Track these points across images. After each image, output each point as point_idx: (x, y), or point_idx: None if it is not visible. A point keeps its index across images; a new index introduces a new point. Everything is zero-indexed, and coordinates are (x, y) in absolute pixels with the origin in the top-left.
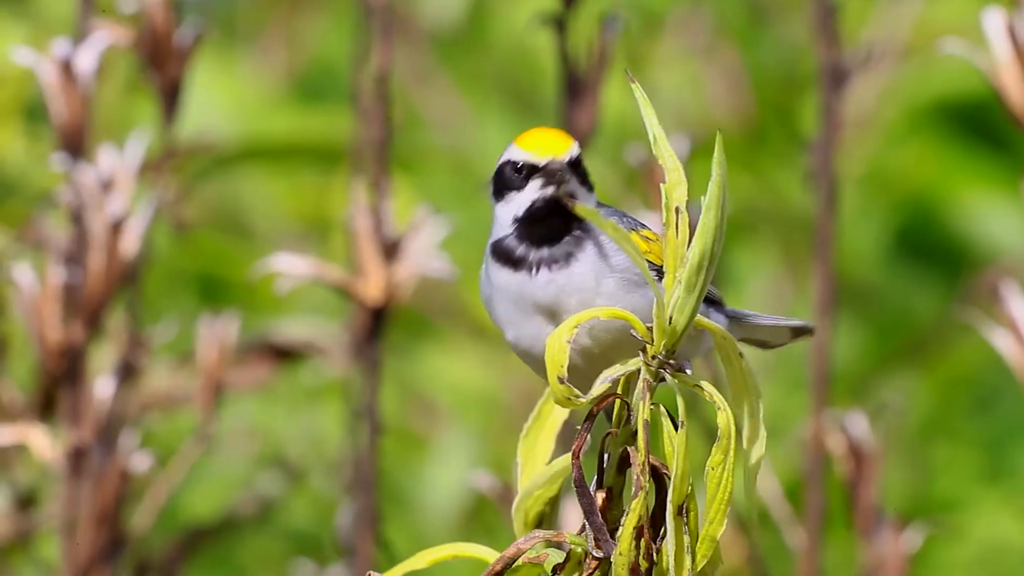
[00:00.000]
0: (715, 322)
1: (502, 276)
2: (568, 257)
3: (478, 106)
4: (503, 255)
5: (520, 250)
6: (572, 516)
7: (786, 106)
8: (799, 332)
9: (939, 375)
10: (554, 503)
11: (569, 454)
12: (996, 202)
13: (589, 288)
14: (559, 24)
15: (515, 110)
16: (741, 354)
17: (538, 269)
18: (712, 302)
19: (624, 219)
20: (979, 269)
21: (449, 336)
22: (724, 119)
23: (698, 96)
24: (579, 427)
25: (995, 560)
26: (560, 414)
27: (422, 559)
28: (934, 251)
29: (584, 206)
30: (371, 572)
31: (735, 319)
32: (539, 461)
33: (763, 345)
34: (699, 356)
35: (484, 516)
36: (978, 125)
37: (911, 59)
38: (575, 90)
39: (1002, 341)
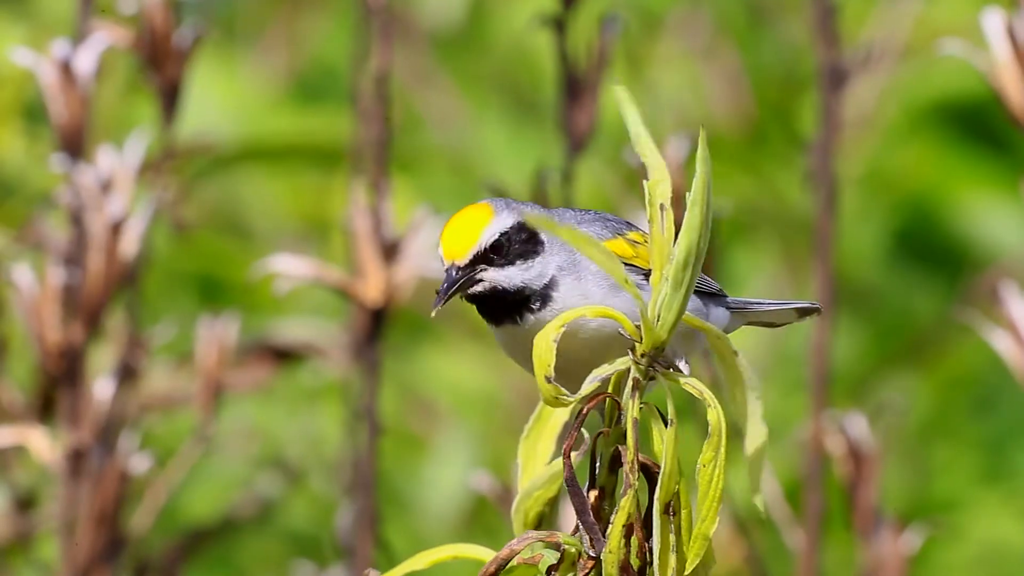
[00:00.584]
0: (715, 316)
1: (497, 331)
2: (544, 301)
3: (477, 107)
4: (483, 315)
5: (496, 318)
6: (572, 517)
7: (786, 106)
8: (805, 312)
9: (939, 376)
10: (554, 504)
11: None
12: (996, 203)
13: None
14: (558, 24)
15: (515, 111)
16: (736, 352)
17: (522, 318)
18: (711, 295)
19: (609, 223)
20: (979, 270)
21: (448, 337)
22: (724, 119)
23: (698, 96)
24: (581, 429)
25: (995, 561)
26: (561, 415)
27: (422, 560)
28: (934, 252)
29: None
30: (370, 570)
31: (738, 310)
32: (540, 462)
33: (770, 325)
34: (696, 354)
35: (484, 517)
36: (978, 126)
37: (910, 60)
38: (574, 90)
39: (1002, 342)
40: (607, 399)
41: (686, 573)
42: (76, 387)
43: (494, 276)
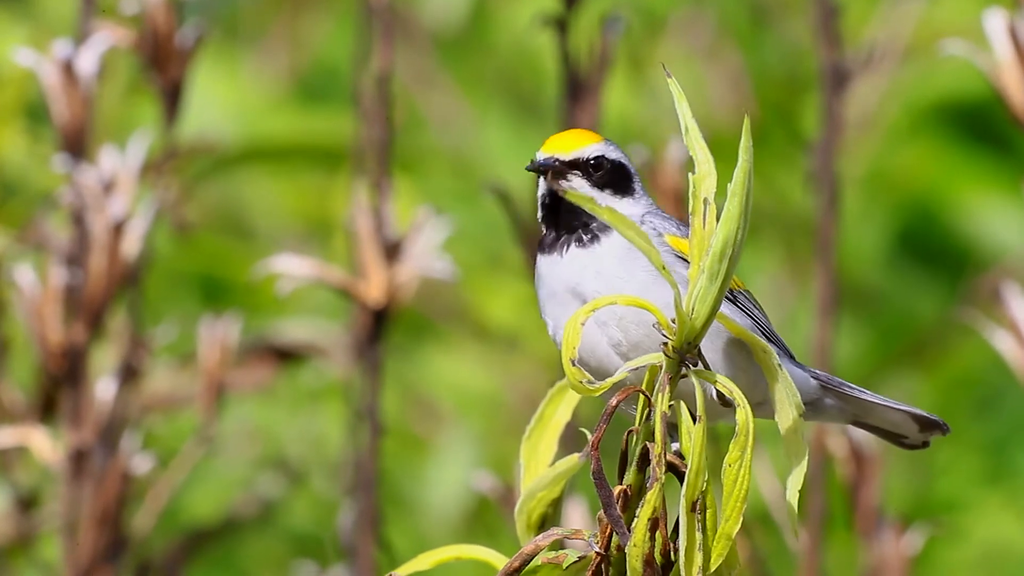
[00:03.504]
0: (796, 379)
1: (539, 260)
2: (593, 239)
3: (480, 107)
4: (539, 242)
5: (550, 236)
6: (575, 519)
7: (788, 107)
8: (929, 426)
9: (941, 376)
10: (557, 505)
11: (573, 455)
12: (998, 203)
13: (613, 272)
14: (560, 25)
15: (517, 111)
16: (780, 366)
17: (567, 248)
18: (791, 356)
19: (669, 221)
20: (981, 270)
21: (451, 337)
22: (726, 120)
23: (700, 97)
24: (582, 429)
25: (997, 561)
26: (563, 415)
27: (424, 560)
28: (936, 252)
29: (578, 193)
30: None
31: (828, 387)
32: (542, 463)
33: (889, 437)
34: (757, 406)
35: (486, 518)
36: (980, 126)
37: (913, 60)
38: (577, 91)
39: (1003, 342)
40: (640, 396)
41: (710, 572)
42: (78, 387)
43: (582, 185)
